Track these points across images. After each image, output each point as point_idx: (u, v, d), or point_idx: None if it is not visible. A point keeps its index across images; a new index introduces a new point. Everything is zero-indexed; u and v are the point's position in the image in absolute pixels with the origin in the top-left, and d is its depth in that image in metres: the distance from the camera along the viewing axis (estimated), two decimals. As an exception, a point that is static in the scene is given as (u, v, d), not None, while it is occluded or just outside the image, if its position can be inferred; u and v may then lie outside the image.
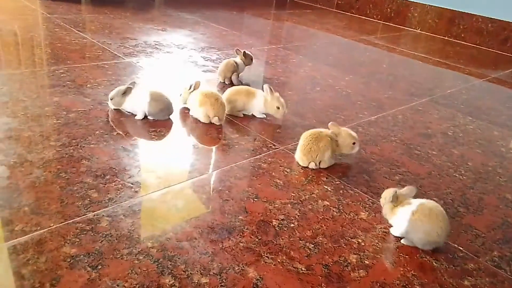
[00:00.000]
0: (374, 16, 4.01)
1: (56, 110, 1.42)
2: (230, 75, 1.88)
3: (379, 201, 1.09)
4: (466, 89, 2.29)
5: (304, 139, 1.28)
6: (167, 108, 1.45)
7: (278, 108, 1.52)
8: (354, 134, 1.30)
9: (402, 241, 1.01)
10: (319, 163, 1.27)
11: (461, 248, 1.02)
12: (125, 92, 1.42)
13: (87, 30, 2.41)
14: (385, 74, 2.39)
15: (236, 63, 1.89)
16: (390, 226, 1.04)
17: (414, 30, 3.74)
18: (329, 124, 1.29)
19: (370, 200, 1.16)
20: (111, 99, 1.44)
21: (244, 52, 1.92)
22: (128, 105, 1.44)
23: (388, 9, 3.89)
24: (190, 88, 1.50)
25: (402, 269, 0.93)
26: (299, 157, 1.28)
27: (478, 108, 2.02)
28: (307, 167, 1.27)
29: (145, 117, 1.44)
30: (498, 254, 1.02)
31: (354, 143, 1.29)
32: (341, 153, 1.31)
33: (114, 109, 1.46)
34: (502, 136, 1.72)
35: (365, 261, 0.93)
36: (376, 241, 1.00)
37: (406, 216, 0.98)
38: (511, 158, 1.54)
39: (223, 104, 1.46)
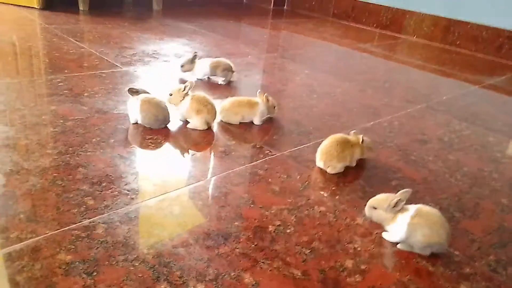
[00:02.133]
0: (370, 25, 4.04)
1: (53, 119, 1.43)
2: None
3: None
4: (462, 96, 2.31)
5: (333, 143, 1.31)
6: (164, 118, 1.45)
7: (274, 107, 1.62)
8: (366, 138, 1.37)
9: (398, 246, 1.01)
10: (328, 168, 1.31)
11: (457, 253, 1.02)
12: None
13: (84, 40, 2.43)
14: (381, 81, 2.40)
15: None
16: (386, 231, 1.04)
17: (410, 38, 3.78)
18: (351, 132, 1.36)
19: (366, 206, 1.16)
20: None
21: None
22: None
23: (384, 18, 3.93)
24: (184, 90, 1.47)
25: (398, 273, 0.93)
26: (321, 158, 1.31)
27: (473, 114, 2.03)
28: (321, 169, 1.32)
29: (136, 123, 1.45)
30: (494, 259, 1.02)
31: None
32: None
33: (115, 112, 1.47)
34: (497, 142, 1.73)
35: (361, 266, 0.93)
36: (372, 246, 1.01)
37: (405, 221, 0.98)
38: (507, 163, 1.55)
39: (215, 108, 1.50)
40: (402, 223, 0.98)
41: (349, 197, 1.20)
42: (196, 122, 1.48)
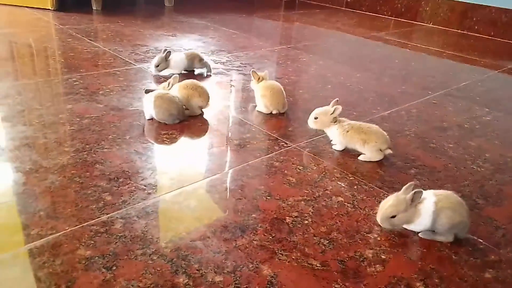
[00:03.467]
0: (385, 13, 3.97)
1: (69, 117, 1.44)
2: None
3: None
4: (481, 81, 2.24)
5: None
6: (177, 112, 1.45)
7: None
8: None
9: (420, 234, 0.99)
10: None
11: (481, 240, 1.00)
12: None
13: (98, 39, 2.45)
14: (397, 70, 2.36)
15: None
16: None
17: (426, 24, 3.69)
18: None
19: (385, 195, 1.13)
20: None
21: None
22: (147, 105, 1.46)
23: (399, 5, 3.85)
24: (168, 86, 1.50)
25: (420, 262, 0.91)
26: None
27: (494, 99, 1.97)
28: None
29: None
30: (520, 246, 0.99)
31: None
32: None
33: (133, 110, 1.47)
34: (520, 127, 1.68)
35: (382, 256, 0.92)
36: (393, 235, 0.99)
37: (430, 209, 0.95)
38: (531, 148, 1.50)
39: (206, 91, 1.53)
40: (427, 212, 0.96)
41: (367, 187, 1.18)
42: (192, 108, 1.51)
